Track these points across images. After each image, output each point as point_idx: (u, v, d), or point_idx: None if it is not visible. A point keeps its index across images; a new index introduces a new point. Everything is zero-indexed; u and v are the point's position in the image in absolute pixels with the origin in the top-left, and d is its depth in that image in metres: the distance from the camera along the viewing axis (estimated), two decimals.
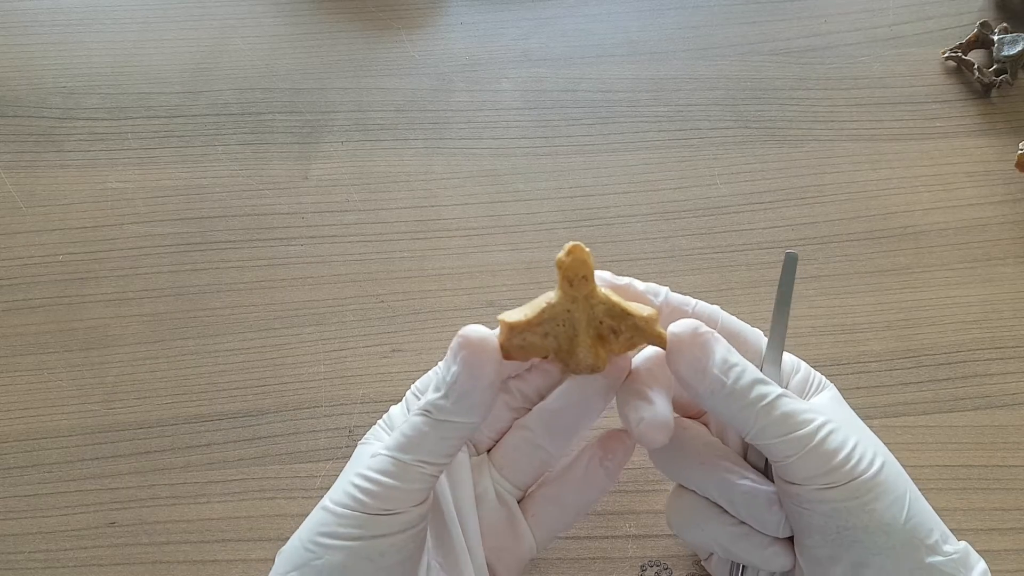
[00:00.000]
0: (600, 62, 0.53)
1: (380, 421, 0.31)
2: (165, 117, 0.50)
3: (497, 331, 0.28)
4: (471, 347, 0.26)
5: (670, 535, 0.35)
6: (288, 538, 0.35)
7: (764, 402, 0.26)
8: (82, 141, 0.49)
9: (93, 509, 0.37)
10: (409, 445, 0.27)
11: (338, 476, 0.37)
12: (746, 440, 0.27)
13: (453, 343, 0.27)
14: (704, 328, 0.27)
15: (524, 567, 0.32)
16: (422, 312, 0.42)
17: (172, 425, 0.39)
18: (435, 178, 0.47)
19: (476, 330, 0.27)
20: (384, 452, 0.27)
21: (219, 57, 0.53)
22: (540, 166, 0.48)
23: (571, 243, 0.27)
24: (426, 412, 0.27)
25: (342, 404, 0.39)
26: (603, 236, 0.45)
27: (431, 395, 0.27)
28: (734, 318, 0.31)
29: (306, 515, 0.36)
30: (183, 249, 0.45)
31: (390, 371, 0.40)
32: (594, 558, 0.35)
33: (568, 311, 0.28)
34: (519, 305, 0.42)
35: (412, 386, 0.31)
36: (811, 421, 0.26)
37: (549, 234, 0.45)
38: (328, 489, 0.36)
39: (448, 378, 0.27)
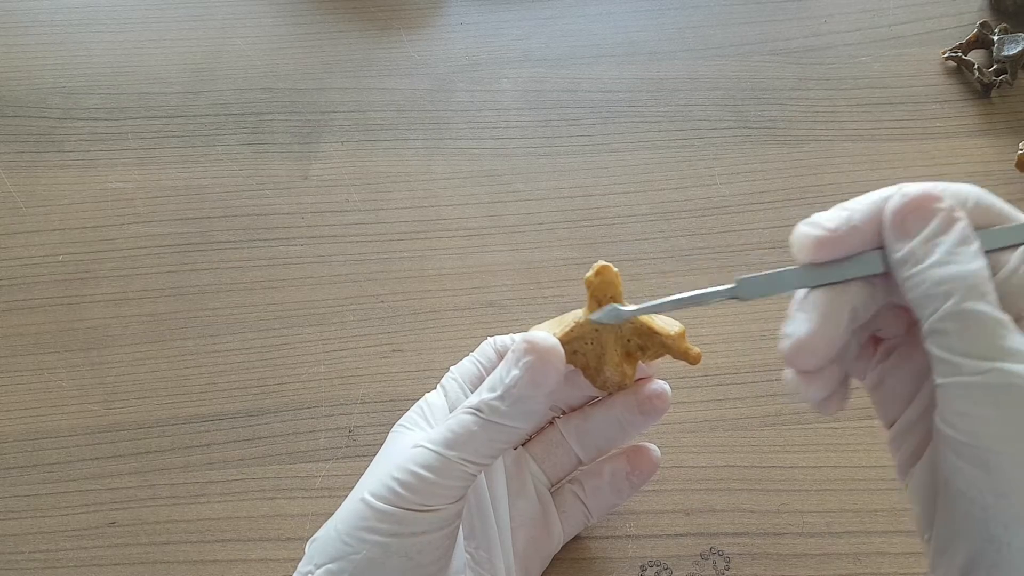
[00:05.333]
0: (600, 62, 0.53)
1: (417, 406, 0.30)
2: (165, 117, 0.50)
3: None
4: (538, 354, 0.26)
5: (670, 535, 0.35)
6: (289, 538, 0.36)
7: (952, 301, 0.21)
8: (82, 141, 0.49)
9: (93, 509, 0.37)
10: (456, 442, 0.26)
11: (340, 475, 0.37)
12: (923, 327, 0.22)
13: (516, 347, 0.27)
14: (941, 202, 0.23)
15: (549, 560, 0.33)
16: (422, 312, 0.42)
17: (172, 425, 0.39)
18: (435, 178, 0.47)
19: (544, 338, 0.27)
20: (428, 446, 0.27)
21: (219, 57, 0.53)
22: (540, 166, 0.48)
23: (599, 263, 0.28)
24: (477, 411, 0.27)
25: (342, 404, 0.39)
26: (603, 236, 0.45)
27: (486, 395, 0.27)
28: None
29: (306, 515, 0.36)
30: (183, 249, 0.45)
31: (390, 371, 0.40)
32: (594, 558, 0.35)
33: (596, 330, 0.28)
34: (519, 305, 0.43)
35: (450, 370, 0.31)
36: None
37: (549, 234, 0.45)
38: (331, 489, 0.37)
39: (507, 381, 0.26)
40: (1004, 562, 0.21)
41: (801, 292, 0.24)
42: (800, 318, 0.23)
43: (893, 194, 0.24)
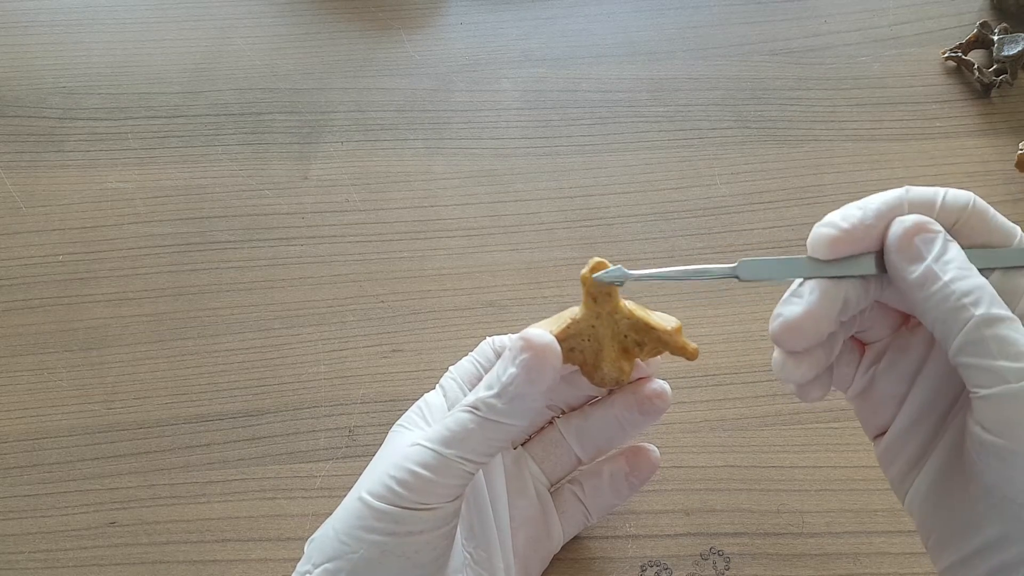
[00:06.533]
0: (600, 62, 0.53)
1: (416, 406, 0.30)
2: (165, 117, 0.50)
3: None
4: (534, 351, 0.26)
5: (670, 535, 0.35)
6: (289, 538, 0.36)
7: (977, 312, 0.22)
8: (82, 141, 0.49)
9: (93, 509, 0.37)
10: (453, 440, 0.26)
11: (340, 475, 0.37)
12: (950, 357, 0.23)
13: (512, 344, 0.27)
14: (936, 226, 0.24)
15: (549, 560, 0.33)
16: (422, 312, 0.42)
17: (172, 425, 0.39)
18: (435, 178, 0.47)
19: (540, 335, 0.27)
20: (425, 444, 0.27)
21: (219, 57, 0.53)
22: (540, 166, 0.48)
23: (595, 259, 0.28)
24: (474, 409, 0.27)
25: (342, 404, 0.39)
26: (603, 236, 0.45)
27: (482, 392, 0.27)
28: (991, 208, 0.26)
29: (306, 515, 0.36)
30: (183, 249, 0.45)
31: (390, 371, 0.40)
32: (594, 558, 0.35)
33: (593, 326, 0.28)
34: (519, 305, 0.43)
35: (449, 370, 0.31)
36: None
37: (549, 234, 0.45)
38: (331, 489, 0.37)
39: (503, 378, 0.26)
40: None
41: (798, 281, 0.25)
42: (794, 301, 0.25)
43: (897, 203, 0.25)
